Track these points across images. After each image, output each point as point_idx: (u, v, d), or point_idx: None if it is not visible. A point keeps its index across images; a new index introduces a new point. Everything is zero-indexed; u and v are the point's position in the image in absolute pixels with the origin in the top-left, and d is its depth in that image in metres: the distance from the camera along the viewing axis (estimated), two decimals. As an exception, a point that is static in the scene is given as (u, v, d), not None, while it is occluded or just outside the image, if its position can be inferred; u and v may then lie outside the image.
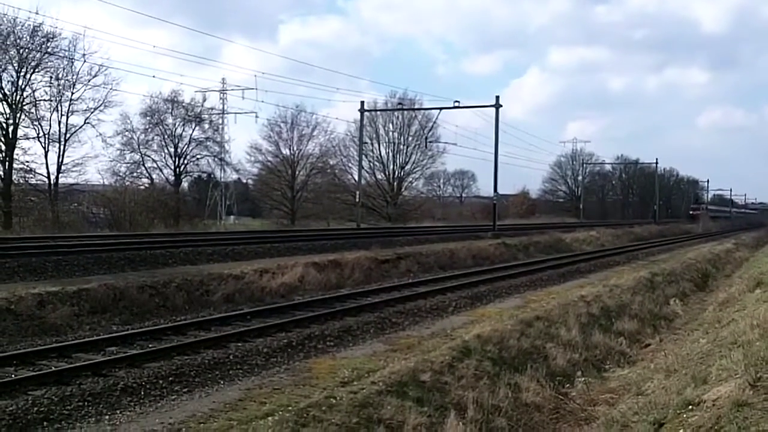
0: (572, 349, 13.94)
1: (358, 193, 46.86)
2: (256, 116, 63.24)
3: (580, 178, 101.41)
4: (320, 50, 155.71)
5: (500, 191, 46.97)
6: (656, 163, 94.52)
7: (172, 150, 55.44)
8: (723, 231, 75.54)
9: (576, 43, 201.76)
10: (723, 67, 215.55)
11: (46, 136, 40.84)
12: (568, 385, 12.09)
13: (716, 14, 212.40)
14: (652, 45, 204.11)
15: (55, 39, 39.94)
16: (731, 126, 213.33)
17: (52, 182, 40.98)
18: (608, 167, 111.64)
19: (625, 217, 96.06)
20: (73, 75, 41.62)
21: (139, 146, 53.53)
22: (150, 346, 11.62)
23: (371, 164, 64.56)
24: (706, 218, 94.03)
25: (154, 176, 54.62)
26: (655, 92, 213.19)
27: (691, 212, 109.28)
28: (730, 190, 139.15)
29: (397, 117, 63.53)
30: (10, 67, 38.70)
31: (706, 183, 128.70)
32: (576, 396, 11.48)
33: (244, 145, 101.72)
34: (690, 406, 7.50)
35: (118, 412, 8.51)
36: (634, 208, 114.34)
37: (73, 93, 41.77)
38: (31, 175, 40.24)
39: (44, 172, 40.73)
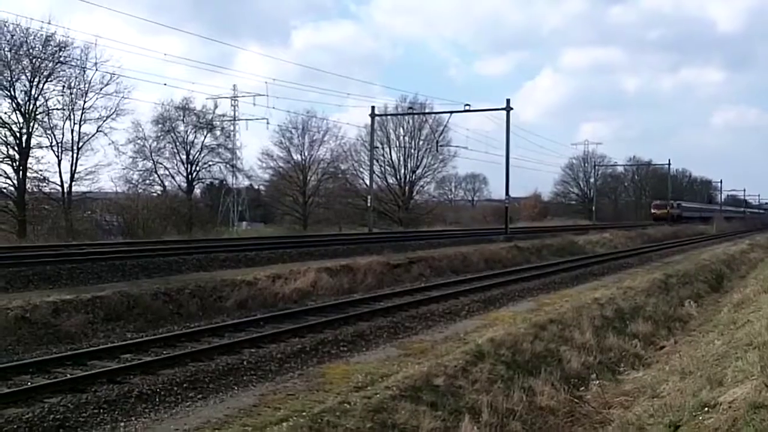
0: (586, 352, 13.86)
1: (369, 197, 46.90)
2: (267, 122, 63.68)
3: (592, 180, 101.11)
4: (333, 55, 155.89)
5: (512, 194, 46.91)
6: (669, 164, 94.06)
7: (184, 157, 55.92)
8: (737, 231, 75.03)
9: (590, 43, 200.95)
10: (738, 67, 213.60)
11: (59, 144, 41.19)
12: (582, 388, 12.04)
13: (732, 14, 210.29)
14: (667, 45, 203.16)
15: (67, 48, 40.36)
16: (745, 126, 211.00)
17: (65, 190, 41.28)
18: (620, 169, 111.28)
19: (638, 219, 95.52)
20: (85, 84, 42.03)
21: (151, 154, 54.08)
22: (164, 352, 11.66)
23: (382, 169, 64.71)
24: (721, 219, 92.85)
25: (166, 183, 55.14)
26: (669, 93, 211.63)
27: (654, 210, 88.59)
28: (744, 191, 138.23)
29: (408, 121, 63.69)
30: (23, 76, 39.09)
31: (719, 183, 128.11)
32: (591, 399, 11.42)
33: (255, 151, 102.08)
34: (706, 409, 7.47)
35: (133, 418, 8.56)
36: (646, 209, 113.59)
37: (85, 102, 42.16)
38: (44, 184, 40.58)
39: (58, 180, 41.10)
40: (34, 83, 39.41)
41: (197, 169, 57.32)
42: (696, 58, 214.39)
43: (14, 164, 38.77)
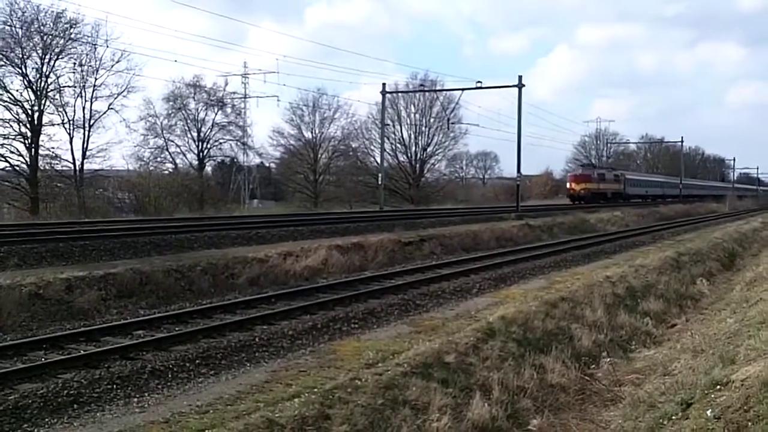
0: (597, 330, 13.87)
1: (380, 175, 46.79)
2: (278, 100, 63.59)
3: (604, 157, 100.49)
4: (347, 32, 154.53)
5: (523, 172, 46.67)
6: (681, 141, 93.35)
7: (195, 134, 56.04)
8: (750, 210, 74.57)
9: (607, 19, 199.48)
10: (758, 44, 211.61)
11: (71, 122, 41.47)
12: (593, 366, 12.06)
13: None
14: (686, 21, 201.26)
15: (78, 25, 40.44)
16: (763, 103, 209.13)
17: (77, 168, 41.48)
18: (633, 146, 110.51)
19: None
20: (96, 61, 42.24)
21: (162, 131, 54.20)
22: (176, 329, 11.72)
23: (393, 146, 64.55)
24: (733, 197, 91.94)
25: (177, 161, 55.30)
26: (685, 70, 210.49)
27: (572, 185, 59.76)
28: (757, 168, 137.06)
29: (419, 99, 63.34)
30: (34, 53, 39.25)
31: (732, 161, 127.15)
32: (602, 377, 11.44)
33: (266, 129, 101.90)
34: (718, 387, 7.45)
35: (146, 394, 8.62)
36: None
37: (96, 79, 42.32)
38: (56, 161, 40.85)
39: (69, 158, 41.35)
40: (46, 60, 39.58)
41: (208, 146, 57.43)
42: (714, 34, 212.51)
43: (26, 142, 39.01)
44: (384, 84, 46.04)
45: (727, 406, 6.75)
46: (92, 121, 42.36)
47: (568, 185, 57.53)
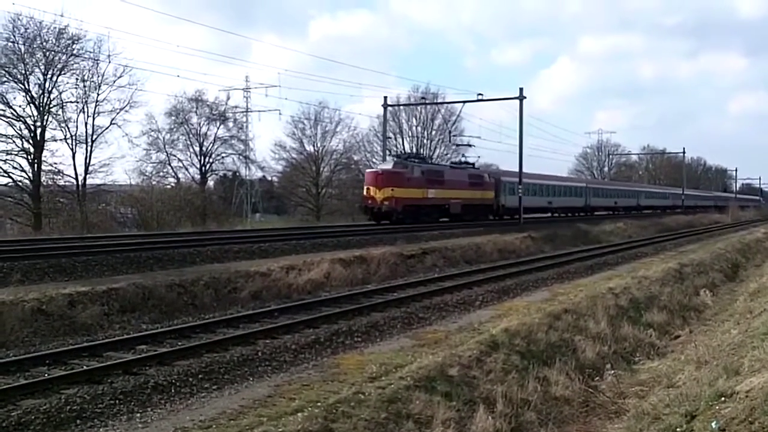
0: (601, 342, 13.84)
1: (382, 188, 46.65)
2: (280, 114, 63.72)
3: (606, 168, 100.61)
4: (349, 45, 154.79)
5: (525, 184, 46.36)
6: (683, 152, 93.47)
7: (197, 149, 56.27)
8: (752, 220, 74.47)
9: (608, 30, 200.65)
10: (759, 53, 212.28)
11: (74, 137, 41.65)
12: (597, 378, 12.03)
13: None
14: (687, 31, 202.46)
15: (80, 41, 40.69)
16: (764, 113, 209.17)
17: (80, 183, 41.58)
18: (635, 157, 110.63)
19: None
20: (98, 76, 42.42)
21: (164, 146, 54.46)
22: (179, 344, 11.70)
23: (395, 159, 64.47)
24: (736, 208, 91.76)
25: (180, 175, 55.50)
26: (687, 80, 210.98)
27: (370, 188, 35.54)
28: (759, 179, 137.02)
29: (420, 111, 63.47)
30: (36, 69, 39.45)
31: (734, 171, 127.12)
32: (606, 389, 11.41)
33: (268, 142, 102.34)
34: (722, 398, 7.43)
35: (149, 409, 8.60)
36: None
37: (98, 94, 42.49)
38: (59, 177, 40.96)
39: (72, 173, 41.43)
40: (48, 76, 39.79)
41: (210, 160, 57.66)
42: (715, 44, 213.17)
43: (29, 157, 39.14)
44: (386, 97, 46.21)
45: (732, 417, 6.72)
46: (95, 137, 42.60)
47: (365, 188, 36.16)
